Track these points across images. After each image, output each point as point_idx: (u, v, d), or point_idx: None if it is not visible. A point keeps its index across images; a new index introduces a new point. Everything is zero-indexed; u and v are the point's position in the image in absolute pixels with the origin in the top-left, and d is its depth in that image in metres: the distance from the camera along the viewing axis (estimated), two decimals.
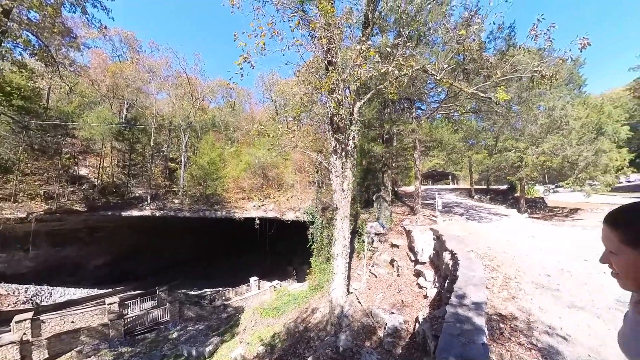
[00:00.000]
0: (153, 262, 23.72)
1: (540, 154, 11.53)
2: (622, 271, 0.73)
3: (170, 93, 27.41)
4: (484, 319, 2.21)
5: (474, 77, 7.33)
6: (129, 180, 22.99)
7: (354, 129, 7.72)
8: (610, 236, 0.73)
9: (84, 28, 17.70)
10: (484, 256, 5.23)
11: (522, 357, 2.29)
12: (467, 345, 1.84)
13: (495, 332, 2.69)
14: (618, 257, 0.73)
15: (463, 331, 2.01)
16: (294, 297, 13.69)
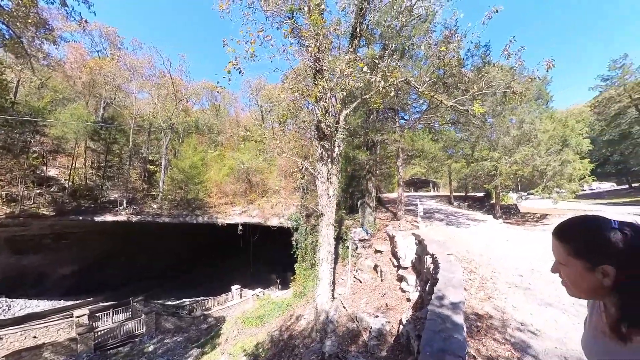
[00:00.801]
0: (128, 271, 22.42)
1: (512, 163, 12.34)
2: (570, 281, 0.81)
3: (152, 93, 26.43)
4: (462, 317, 2.38)
5: (453, 91, 7.82)
6: (104, 183, 21.75)
7: (340, 136, 7.91)
8: (559, 248, 0.81)
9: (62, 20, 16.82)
10: (463, 259, 5.52)
11: (497, 351, 2.48)
12: (447, 340, 1.98)
13: (473, 329, 2.88)
14: (566, 267, 0.80)
15: (443, 328, 2.16)
16: (278, 305, 13.47)
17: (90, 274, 20.71)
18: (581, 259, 0.75)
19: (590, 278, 0.73)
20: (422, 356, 1.86)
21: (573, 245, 0.77)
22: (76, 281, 19.86)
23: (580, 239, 0.76)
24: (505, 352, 2.46)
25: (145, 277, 22.70)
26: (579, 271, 0.75)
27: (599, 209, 17.88)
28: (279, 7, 9.77)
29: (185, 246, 27.51)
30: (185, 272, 25.18)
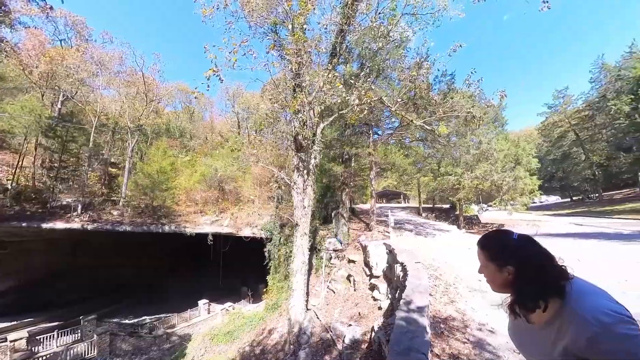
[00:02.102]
0: (79, 287, 20.09)
1: (474, 178, 13.55)
2: (489, 279, 1.04)
3: (121, 91, 24.66)
4: (426, 319, 2.62)
5: (422, 111, 8.53)
6: (56, 185, 19.48)
7: (317, 148, 8.16)
8: (481, 255, 1.04)
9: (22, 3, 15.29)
10: (429, 267, 5.92)
11: (459, 349, 2.76)
12: (413, 340, 2.19)
13: (437, 331, 3.15)
14: (486, 269, 1.02)
15: (410, 330, 2.37)
16: (249, 319, 12.98)
17: (33, 290, 18.23)
18: (494, 262, 0.98)
19: (500, 276, 0.96)
20: (390, 354, 2.03)
21: (488, 252, 1.01)
22: (16, 299, 17.37)
23: (493, 247, 1.01)
24: (466, 350, 2.75)
25: (100, 293, 20.53)
26: (493, 271, 0.98)
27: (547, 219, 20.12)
28: (263, 19, 10.00)
29: (148, 258, 25.42)
30: (147, 286, 23.21)
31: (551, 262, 0.90)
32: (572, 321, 0.79)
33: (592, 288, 0.85)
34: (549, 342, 0.86)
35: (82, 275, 20.62)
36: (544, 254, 0.92)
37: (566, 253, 7.13)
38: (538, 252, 0.92)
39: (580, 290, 0.84)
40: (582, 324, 0.77)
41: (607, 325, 0.73)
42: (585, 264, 5.76)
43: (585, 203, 35.75)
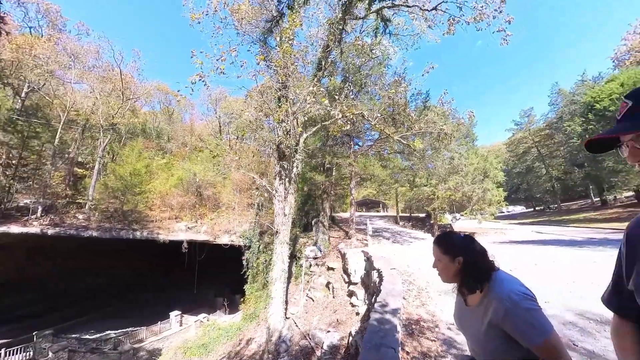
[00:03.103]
0: (36, 298, 18.27)
1: (447, 189, 14.43)
2: (443, 271, 1.24)
3: (95, 86, 23.23)
4: (398, 320, 2.86)
5: (400, 126, 9.08)
6: (13, 184, 17.82)
7: (299, 157, 8.36)
8: (436, 250, 1.26)
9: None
10: (404, 273, 6.25)
11: (430, 348, 3.03)
12: (384, 338, 2.41)
13: (409, 331, 3.42)
14: (440, 262, 1.23)
15: (382, 329, 2.59)
16: (225, 330, 12.56)
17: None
18: (447, 255, 1.22)
19: (452, 266, 1.20)
20: (362, 350, 2.23)
21: (444, 247, 1.25)
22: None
23: (446, 244, 1.26)
24: (435, 347, 3.02)
25: (59, 305, 18.75)
26: (447, 262, 1.22)
27: (513, 227, 21.71)
28: (252, 27, 10.17)
29: (117, 267, 23.73)
30: (114, 298, 21.57)
31: (486, 257, 1.19)
32: (494, 300, 1.05)
33: (508, 277, 1.12)
34: (480, 319, 1.11)
35: (38, 286, 18.81)
36: (481, 250, 1.20)
37: (527, 258, 7.83)
38: (478, 248, 1.20)
39: (500, 278, 1.11)
40: (500, 302, 1.03)
41: (515, 302, 1.00)
42: (541, 267, 6.38)
43: (546, 213, 38.91)
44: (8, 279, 17.86)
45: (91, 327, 17.05)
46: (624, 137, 0.64)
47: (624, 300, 0.83)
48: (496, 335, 1.05)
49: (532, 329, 0.96)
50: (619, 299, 0.87)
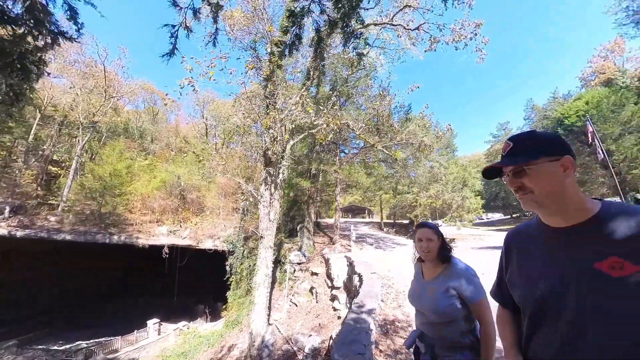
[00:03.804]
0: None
1: (428, 197, 15.03)
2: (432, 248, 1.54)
3: (76, 82, 22.30)
4: (372, 319, 3.08)
5: (384, 136, 9.49)
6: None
7: (285, 164, 8.54)
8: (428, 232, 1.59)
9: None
10: (385, 277, 6.52)
11: (402, 344, 3.26)
12: (358, 335, 2.61)
13: (384, 331, 3.65)
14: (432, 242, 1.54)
15: (356, 327, 2.79)
16: (206, 337, 12.25)
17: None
18: (437, 236, 1.56)
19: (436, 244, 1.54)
20: (335, 345, 2.41)
21: (435, 230, 1.59)
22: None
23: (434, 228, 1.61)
24: None
25: (25, 314, 17.51)
26: (435, 241, 1.54)
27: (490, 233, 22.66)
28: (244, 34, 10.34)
29: (90, 273, 22.53)
30: (87, 305, 20.39)
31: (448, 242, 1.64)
32: (455, 269, 1.48)
33: (459, 260, 1.56)
34: (439, 285, 1.48)
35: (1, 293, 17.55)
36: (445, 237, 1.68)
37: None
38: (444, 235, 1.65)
39: (455, 259, 1.56)
40: (460, 271, 1.47)
41: (469, 272, 1.46)
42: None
43: (521, 220, 40.88)
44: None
45: (60, 338, 16.05)
46: (505, 169, 0.86)
47: (505, 294, 1.02)
48: (451, 295, 1.42)
49: (475, 290, 1.40)
50: (501, 293, 1.06)
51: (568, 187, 0.79)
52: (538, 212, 0.86)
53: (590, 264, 0.73)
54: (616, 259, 0.69)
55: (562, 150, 0.80)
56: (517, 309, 0.97)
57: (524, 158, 0.81)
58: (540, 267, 0.85)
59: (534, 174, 0.79)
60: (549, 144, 0.81)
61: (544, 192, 0.79)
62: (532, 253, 0.90)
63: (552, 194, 0.79)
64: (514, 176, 0.83)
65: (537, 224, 0.91)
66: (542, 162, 0.79)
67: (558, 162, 0.79)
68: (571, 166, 0.79)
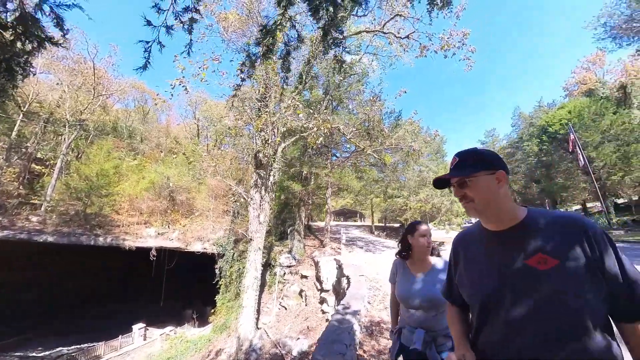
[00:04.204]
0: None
1: (418, 201, 15.27)
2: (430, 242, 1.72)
3: (63, 78, 21.67)
4: (356, 320, 3.14)
5: (374, 140, 9.66)
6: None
7: (276, 166, 8.57)
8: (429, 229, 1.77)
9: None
10: (373, 279, 6.59)
11: (385, 345, 3.33)
12: (340, 335, 2.65)
13: (369, 332, 3.72)
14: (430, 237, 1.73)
15: (340, 327, 2.84)
16: (194, 342, 11.99)
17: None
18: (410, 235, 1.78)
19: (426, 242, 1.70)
20: (318, 345, 2.45)
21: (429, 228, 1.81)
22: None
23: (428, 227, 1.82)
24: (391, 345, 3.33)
25: (3, 320, 16.76)
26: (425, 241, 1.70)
27: None
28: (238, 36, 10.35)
29: (74, 275, 21.74)
30: (69, 310, 19.65)
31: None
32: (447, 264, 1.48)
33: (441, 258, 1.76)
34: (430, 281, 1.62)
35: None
36: None
37: None
38: None
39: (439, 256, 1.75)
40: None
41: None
42: None
43: None
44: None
45: (40, 344, 15.41)
46: (452, 180, 0.96)
47: (454, 293, 1.13)
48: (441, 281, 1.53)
49: None
50: (451, 293, 1.17)
51: (502, 197, 0.91)
52: (479, 218, 0.98)
53: (521, 261, 0.85)
54: (541, 255, 0.82)
55: (497, 165, 0.93)
56: (464, 305, 1.11)
57: (467, 171, 0.92)
58: (483, 267, 0.96)
59: (474, 185, 0.91)
60: (488, 160, 0.93)
61: (482, 201, 0.90)
62: (476, 255, 1.01)
63: (489, 202, 0.90)
64: (458, 187, 0.94)
65: (479, 229, 1.02)
66: (481, 175, 0.90)
67: (494, 175, 0.91)
68: (504, 179, 0.92)
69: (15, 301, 18.23)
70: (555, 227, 0.85)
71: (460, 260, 1.08)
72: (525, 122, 37.12)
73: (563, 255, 0.79)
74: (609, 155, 19.49)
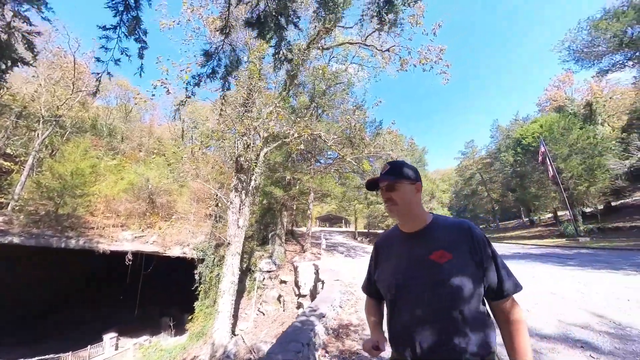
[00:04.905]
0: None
1: None
2: None
3: (40, 71, 20.69)
4: (320, 322, 3.24)
5: (356, 148, 9.94)
6: None
7: (258, 171, 8.62)
8: None
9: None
10: (349, 284, 6.72)
11: (351, 345, 3.46)
12: (299, 335, 2.75)
13: (337, 334, 3.85)
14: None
15: (301, 328, 2.94)
16: (168, 351, 11.60)
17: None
18: None
19: None
20: (274, 344, 2.55)
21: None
22: None
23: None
24: (357, 346, 3.43)
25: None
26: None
27: None
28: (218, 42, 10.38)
29: (41, 281, 20.35)
30: (36, 317, 18.37)
31: None
32: None
33: None
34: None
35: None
36: None
37: None
38: None
39: None
40: None
41: None
42: None
43: (487, 230, 43.34)
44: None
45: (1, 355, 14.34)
46: (381, 183, 1.10)
47: (372, 288, 1.28)
48: None
49: None
50: (369, 287, 1.33)
51: (417, 203, 1.11)
52: (398, 220, 1.15)
53: (427, 256, 1.03)
54: (441, 251, 1.01)
55: (417, 178, 1.13)
56: (380, 298, 1.27)
57: (395, 177, 1.09)
58: (398, 262, 1.12)
59: (399, 190, 1.08)
60: (411, 172, 1.12)
61: (403, 205, 1.08)
62: (394, 253, 1.17)
63: (408, 207, 1.09)
64: (386, 190, 1.11)
65: (397, 231, 1.20)
66: (405, 183, 1.08)
67: (414, 185, 1.10)
68: (420, 190, 1.13)
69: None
70: (451, 230, 1.07)
71: (381, 258, 1.23)
72: (503, 134, 39.02)
73: (455, 251, 1.01)
74: (576, 167, 20.88)
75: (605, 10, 12.76)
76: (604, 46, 13.05)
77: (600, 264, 8.25)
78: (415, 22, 9.19)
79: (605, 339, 3.16)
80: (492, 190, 42.52)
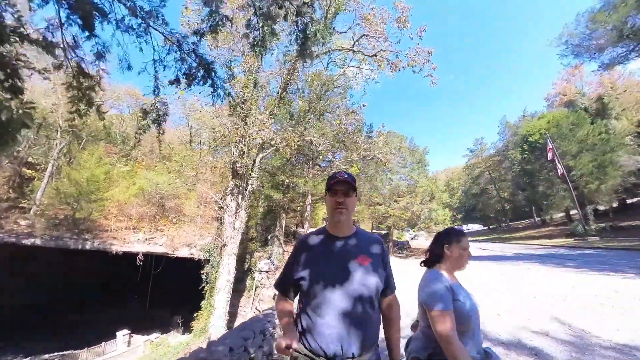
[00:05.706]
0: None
1: (399, 208, 15.79)
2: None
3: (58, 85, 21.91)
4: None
5: (348, 152, 10.22)
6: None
7: (255, 176, 9.04)
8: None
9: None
10: None
11: None
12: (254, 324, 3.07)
13: None
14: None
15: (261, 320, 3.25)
16: (174, 347, 12.19)
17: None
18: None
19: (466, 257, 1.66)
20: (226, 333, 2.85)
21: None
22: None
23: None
24: None
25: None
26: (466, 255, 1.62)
27: None
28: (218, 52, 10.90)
29: (58, 279, 21.64)
30: (53, 314, 19.52)
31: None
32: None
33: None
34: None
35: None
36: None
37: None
38: None
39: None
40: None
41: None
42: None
43: (497, 230, 42.35)
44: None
45: (21, 350, 15.36)
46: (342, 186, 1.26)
47: (287, 286, 1.33)
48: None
49: None
50: (284, 285, 1.35)
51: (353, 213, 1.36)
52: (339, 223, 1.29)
53: (353, 259, 1.22)
54: (365, 255, 1.23)
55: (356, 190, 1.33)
56: (292, 297, 1.35)
57: (354, 187, 1.29)
58: (325, 262, 1.24)
59: (352, 198, 1.28)
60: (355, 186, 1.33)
61: (351, 211, 1.29)
62: (319, 253, 1.28)
63: (351, 214, 1.30)
64: (344, 194, 1.27)
65: (323, 233, 1.34)
66: (354, 194, 1.30)
67: (356, 196, 1.34)
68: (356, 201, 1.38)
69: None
70: (370, 240, 1.31)
71: (305, 258, 1.28)
72: (511, 131, 37.96)
73: (373, 257, 1.24)
74: (586, 164, 20.22)
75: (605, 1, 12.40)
76: (604, 39, 12.69)
77: (601, 266, 8.06)
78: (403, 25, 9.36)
79: (563, 348, 3.05)
80: (502, 189, 41.29)
